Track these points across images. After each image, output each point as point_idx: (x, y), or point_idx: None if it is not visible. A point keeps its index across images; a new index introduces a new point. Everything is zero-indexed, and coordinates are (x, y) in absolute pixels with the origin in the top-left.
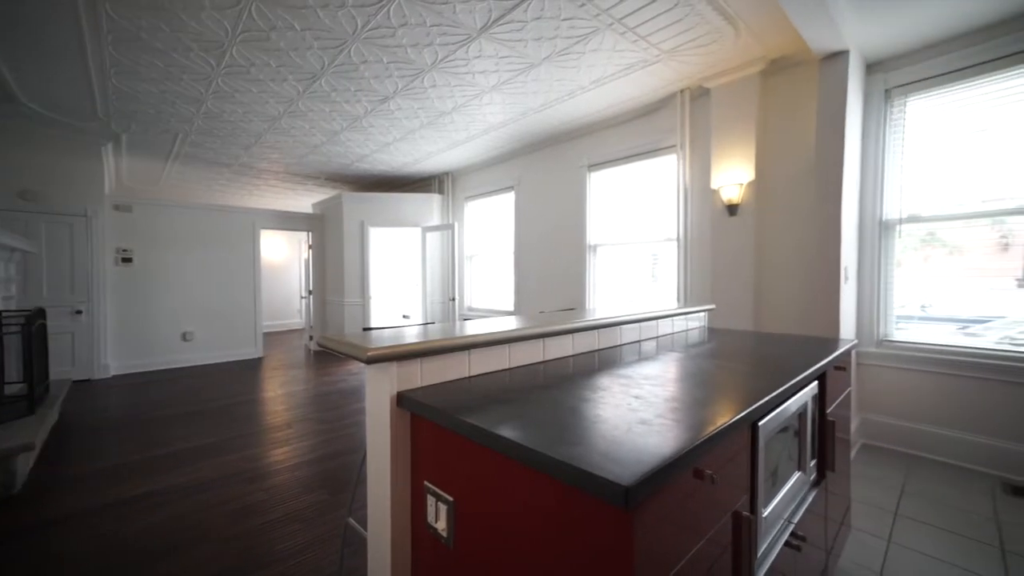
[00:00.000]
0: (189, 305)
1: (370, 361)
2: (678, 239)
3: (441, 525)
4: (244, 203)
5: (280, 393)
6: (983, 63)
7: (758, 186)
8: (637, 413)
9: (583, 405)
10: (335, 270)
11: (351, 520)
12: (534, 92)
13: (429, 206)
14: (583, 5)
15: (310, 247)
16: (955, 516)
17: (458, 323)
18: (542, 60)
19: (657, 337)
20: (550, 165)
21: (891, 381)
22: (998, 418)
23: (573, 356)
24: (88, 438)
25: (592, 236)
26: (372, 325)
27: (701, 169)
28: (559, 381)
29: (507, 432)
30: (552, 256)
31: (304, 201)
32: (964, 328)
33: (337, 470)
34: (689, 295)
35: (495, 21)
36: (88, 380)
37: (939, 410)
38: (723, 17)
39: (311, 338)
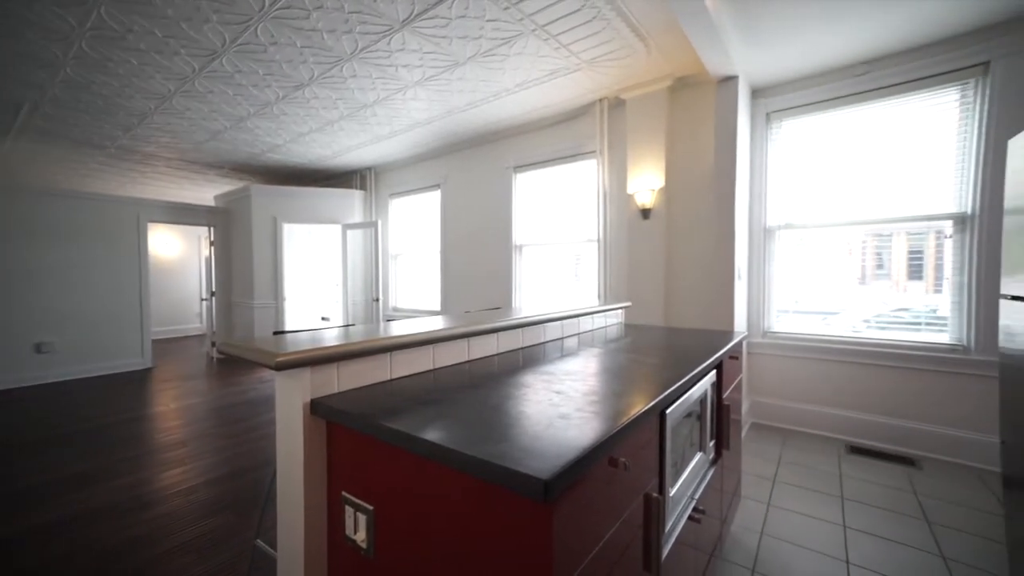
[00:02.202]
0: (46, 311)
1: (279, 367)
2: (598, 240)
3: (360, 536)
4: (126, 192)
5: (173, 408)
6: (837, 98)
7: (668, 192)
8: (558, 408)
9: (506, 403)
10: (243, 269)
11: (259, 542)
12: (459, 91)
13: (350, 202)
14: (507, 8)
15: (212, 243)
16: (814, 476)
17: (381, 324)
18: (467, 59)
19: (579, 334)
20: (476, 165)
21: (773, 366)
22: (844, 392)
23: (498, 355)
24: None
25: (518, 236)
26: (286, 328)
27: (618, 174)
28: (483, 380)
29: (429, 434)
30: (479, 256)
31: (205, 193)
32: (824, 319)
33: (244, 488)
34: (608, 293)
35: (418, 15)
36: None
37: (806, 389)
38: (636, 35)
39: (213, 344)
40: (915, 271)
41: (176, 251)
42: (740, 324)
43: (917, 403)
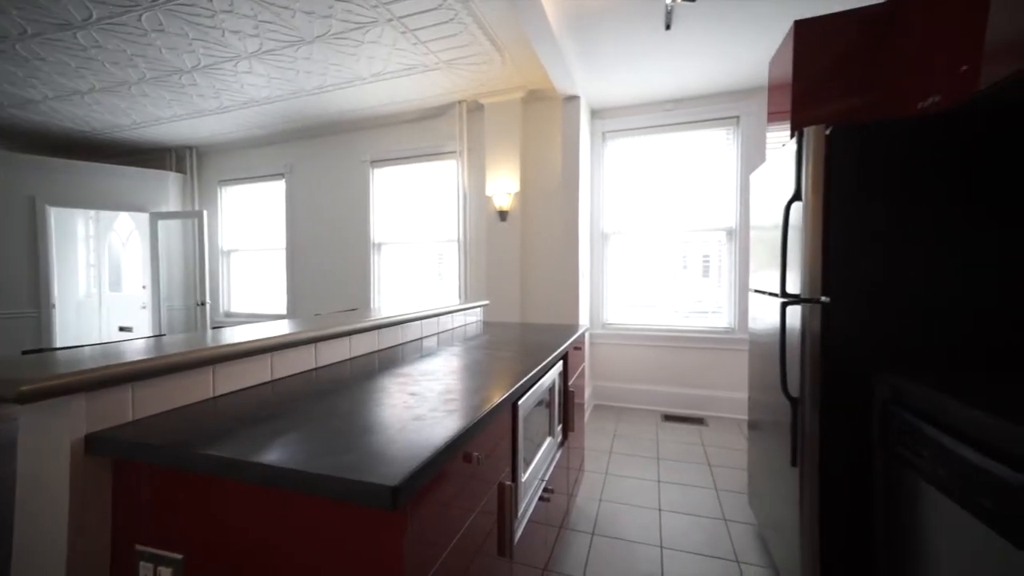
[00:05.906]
0: None
1: (26, 399)
2: (459, 240)
3: None
4: None
5: None
6: (654, 126)
7: (523, 196)
8: (412, 410)
9: (357, 410)
10: None
11: None
12: (308, 71)
13: (162, 186)
14: None
15: None
16: (639, 444)
17: (207, 332)
18: (315, 38)
19: (438, 333)
20: (330, 155)
21: (609, 354)
22: (661, 371)
23: (351, 359)
24: None
25: (377, 234)
26: (56, 345)
27: (478, 176)
28: (333, 388)
29: (261, 456)
30: (333, 254)
31: None
32: (647, 310)
33: None
34: (469, 292)
35: None
36: None
37: (635, 371)
38: (492, 44)
39: None
40: (706, 270)
41: None
42: (584, 318)
43: (706, 375)
